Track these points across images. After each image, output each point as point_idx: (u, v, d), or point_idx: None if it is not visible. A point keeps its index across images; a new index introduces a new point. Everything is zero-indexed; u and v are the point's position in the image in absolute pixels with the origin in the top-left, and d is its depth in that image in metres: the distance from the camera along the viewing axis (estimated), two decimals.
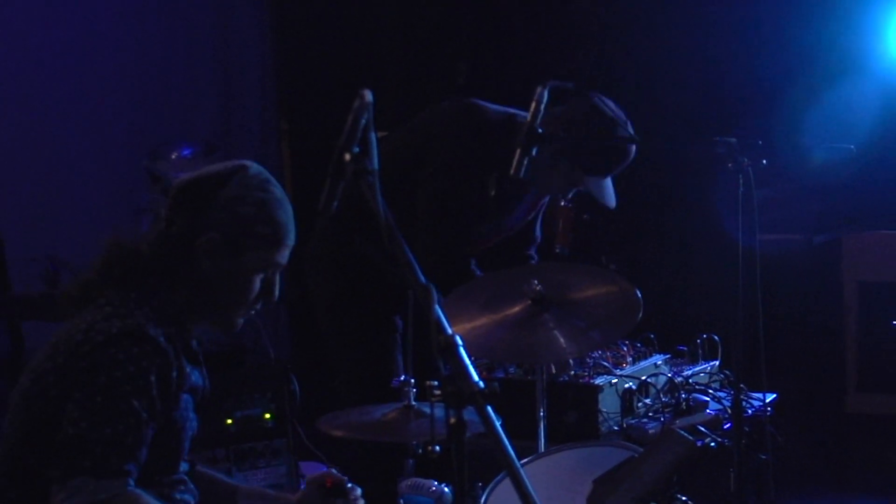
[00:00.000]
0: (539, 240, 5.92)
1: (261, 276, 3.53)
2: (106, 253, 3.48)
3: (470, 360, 2.62)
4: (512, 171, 4.88)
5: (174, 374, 3.37)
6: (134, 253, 3.47)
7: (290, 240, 3.56)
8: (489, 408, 2.60)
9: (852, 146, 5.18)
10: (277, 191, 3.54)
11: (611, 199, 5.37)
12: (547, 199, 5.76)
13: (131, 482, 3.27)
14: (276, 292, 3.61)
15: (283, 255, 3.55)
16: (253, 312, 3.63)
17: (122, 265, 3.46)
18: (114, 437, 3.23)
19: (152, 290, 3.44)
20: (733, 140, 4.54)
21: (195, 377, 3.51)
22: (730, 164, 4.51)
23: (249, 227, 3.45)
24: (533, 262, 5.75)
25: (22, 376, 3.47)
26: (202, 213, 3.44)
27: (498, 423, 2.61)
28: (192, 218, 3.45)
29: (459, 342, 2.62)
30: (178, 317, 3.47)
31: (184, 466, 3.54)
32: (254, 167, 3.55)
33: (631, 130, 5.21)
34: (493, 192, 5.30)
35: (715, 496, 5.04)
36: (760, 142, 4.62)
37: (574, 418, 5.47)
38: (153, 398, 3.31)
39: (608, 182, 5.38)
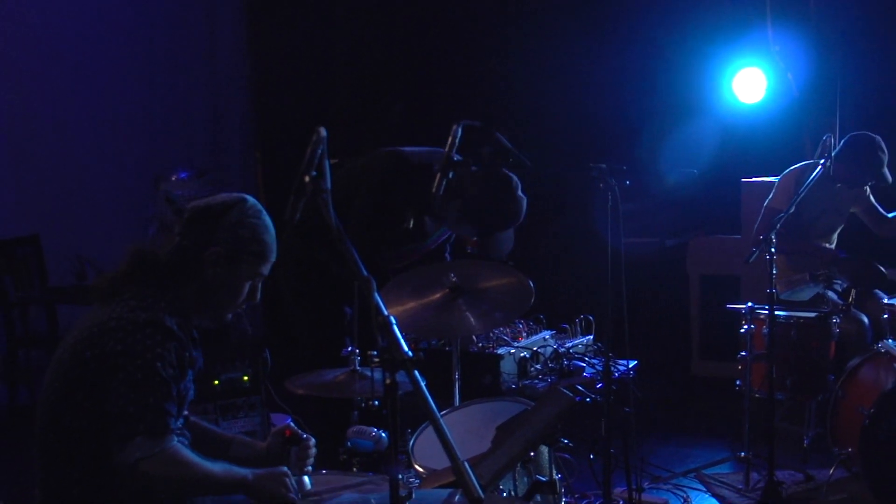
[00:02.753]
0: (448, 260, 5.89)
1: (249, 283, 3.58)
2: (130, 257, 3.50)
3: (401, 334, 2.63)
4: (433, 190, 4.89)
5: (186, 354, 3.45)
6: (153, 258, 3.50)
7: (273, 257, 3.61)
8: (416, 372, 2.61)
9: (695, 170, 5.20)
10: (267, 219, 3.58)
11: (503, 251, 5.31)
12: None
13: (174, 437, 3.39)
14: (258, 296, 3.65)
15: (267, 268, 3.60)
16: (240, 311, 3.67)
17: (144, 268, 3.48)
18: (156, 404, 3.32)
19: (166, 289, 3.47)
20: (604, 166, 4.56)
21: (197, 356, 3.55)
22: (601, 185, 4.53)
23: (245, 246, 3.50)
24: (448, 260, 5.73)
25: (59, 348, 3.50)
26: (210, 232, 3.48)
27: (423, 384, 2.62)
28: (202, 235, 3.48)
29: (393, 321, 2.63)
30: (185, 310, 3.50)
31: (180, 422, 3.56)
32: (250, 200, 3.59)
33: (521, 195, 5.14)
34: (410, 224, 5.30)
35: (589, 439, 5.07)
36: (625, 167, 4.62)
37: (489, 381, 5.49)
38: (176, 371, 3.39)
39: (501, 237, 5.31)
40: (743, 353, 6.07)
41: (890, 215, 6.88)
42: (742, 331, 6.07)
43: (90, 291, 3.56)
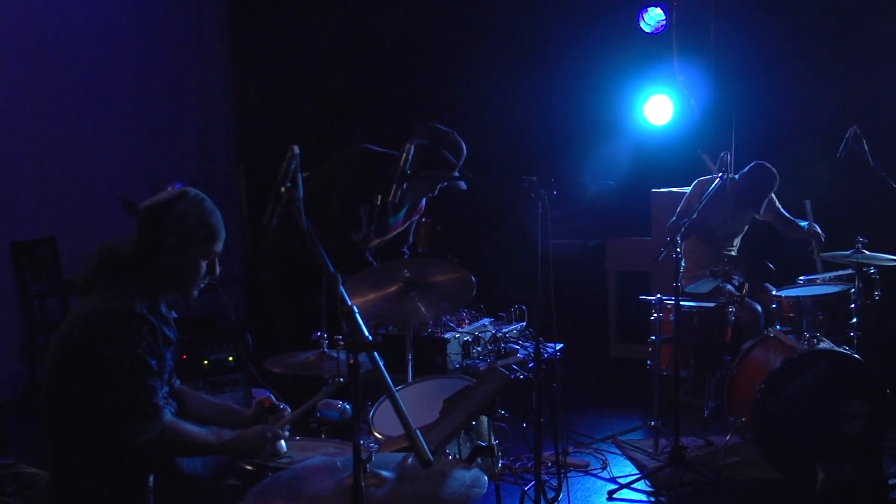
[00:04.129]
0: (411, 241, 5.91)
1: (205, 261, 3.55)
2: (99, 255, 3.50)
3: (363, 322, 2.64)
4: (389, 199, 4.90)
5: (159, 332, 3.43)
6: (118, 254, 3.49)
7: (222, 235, 3.57)
8: (375, 353, 2.61)
9: (612, 182, 5.22)
10: (209, 205, 3.57)
11: (462, 185, 5.34)
12: (416, 218, 5.74)
13: (167, 410, 3.42)
14: (218, 270, 3.62)
15: (219, 246, 3.57)
16: (203, 286, 3.63)
17: (111, 263, 3.48)
18: (145, 383, 3.34)
19: (133, 278, 3.46)
20: (535, 178, 4.55)
21: (169, 332, 3.54)
22: (533, 195, 4.52)
23: (194, 232, 3.48)
24: (405, 257, 5.74)
25: (52, 340, 3.54)
26: (161, 226, 3.47)
27: (381, 364, 2.62)
28: (155, 229, 3.47)
29: (356, 310, 2.64)
30: (152, 293, 3.49)
31: (165, 389, 3.55)
32: (192, 191, 3.57)
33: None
34: (378, 203, 5.31)
35: (523, 411, 5.09)
36: (553, 179, 4.61)
37: (440, 361, 5.50)
38: (154, 349, 3.39)
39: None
40: (653, 338, 6.12)
41: (803, 224, 6.91)
42: (652, 318, 6.12)
43: (68, 287, 3.56)
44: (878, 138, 6.73)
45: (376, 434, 4.08)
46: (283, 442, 3.57)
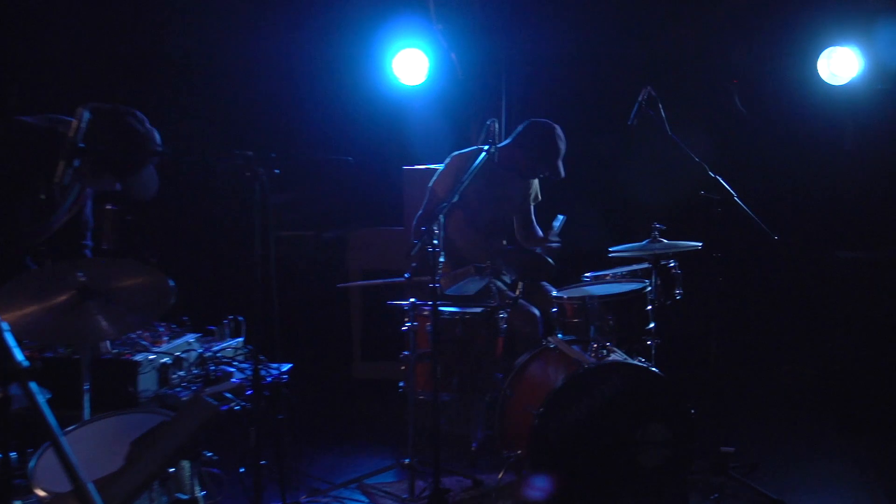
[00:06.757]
0: (91, 224, 5.72)
1: None
2: None
3: (15, 342, 2.54)
4: (56, 180, 4.73)
5: None
6: None
7: None
8: (32, 384, 2.52)
9: (351, 158, 5.24)
10: None
11: (147, 194, 5.22)
12: (90, 190, 5.56)
13: None
14: None
15: None
16: None
17: None
18: None
19: None
20: (250, 153, 4.53)
21: None
22: (248, 173, 4.50)
23: None
24: (87, 250, 5.57)
25: None
26: None
27: (42, 398, 2.54)
28: None
29: (5, 328, 2.54)
30: None
31: None
32: None
33: (158, 139, 5.08)
34: (43, 196, 5.12)
35: (238, 451, 5.05)
36: (274, 154, 4.60)
37: (130, 391, 5.36)
38: None
39: (142, 177, 5.20)
40: (406, 353, 6.15)
41: (556, 223, 7.07)
42: (404, 329, 6.15)
43: None
44: (677, 103, 6.97)
45: (39, 492, 3.94)
46: None
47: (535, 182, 7.23)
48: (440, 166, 7.14)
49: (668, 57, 8.78)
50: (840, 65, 8.57)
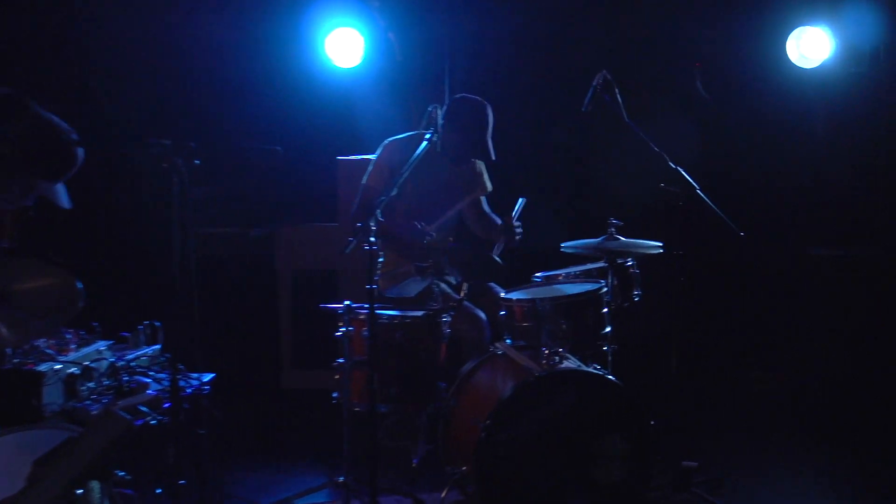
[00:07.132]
0: None
1: None
2: None
3: None
4: None
5: None
6: None
7: None
8: None
9: (279, 147, 5.21)
10: None
11: (65, 201, 5.16)
12: None
13: None
14: None
15: None
16: None
17: None
18: None
19: None
20: (168, 142, 4.50)
21: None
22: (165, 164, 4.46)
23: None
24: None
25: None
26: None
27: None
28: None
29: None
30: None
31: None
32: None
33: (75, 136, 5.03)
34: None
35: (156, 470, 4.99)
36: (194, 144, 4.57)
37: (33, 404, 5.29)
38: None
39: (61, 185, 5.17)
40: (340, 361, 6.12)
41: (516, 207, 7.07)
42: (338, 334, 6.12)
43: None
44: (635, 88, 6.99)
45: None
46: None
47: (484, 172, 7.21)
48: (373, 156, 7.09)
49: (626, 38, 8.81)
50: (811, 46, 8.61)
